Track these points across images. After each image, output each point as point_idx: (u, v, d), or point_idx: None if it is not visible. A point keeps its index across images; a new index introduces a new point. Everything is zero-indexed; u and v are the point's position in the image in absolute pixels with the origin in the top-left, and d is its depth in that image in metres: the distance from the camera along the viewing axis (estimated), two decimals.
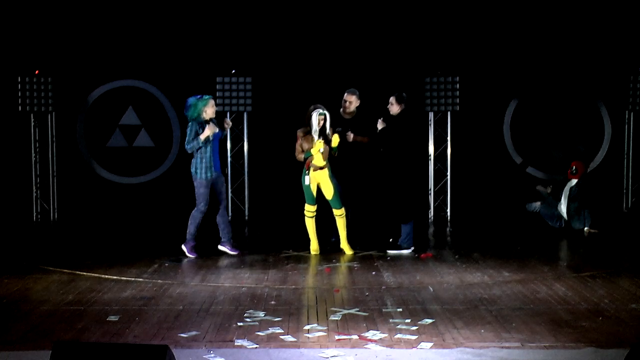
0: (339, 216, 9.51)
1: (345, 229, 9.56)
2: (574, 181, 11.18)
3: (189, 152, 9.29)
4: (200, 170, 9.23)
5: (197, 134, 9.16)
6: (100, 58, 13.25)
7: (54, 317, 6.52)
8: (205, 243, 10.17)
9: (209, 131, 9.16)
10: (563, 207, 11.21)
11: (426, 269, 8.70)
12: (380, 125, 9.49)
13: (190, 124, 9.25)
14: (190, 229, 9.40)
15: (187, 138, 9.23)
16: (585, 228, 11.13)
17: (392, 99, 9.52)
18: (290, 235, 11.23)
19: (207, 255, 9.50)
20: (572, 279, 8.03)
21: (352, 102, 9.89)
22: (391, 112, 9.52)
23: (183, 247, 9.47)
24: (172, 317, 6.53)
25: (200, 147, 9.17)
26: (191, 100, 9.31)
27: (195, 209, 9.35)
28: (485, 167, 13.34)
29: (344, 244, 9.56)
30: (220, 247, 9.63)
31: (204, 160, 9.24)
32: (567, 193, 11.16)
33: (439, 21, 13.04)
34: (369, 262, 9.09)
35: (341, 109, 9.96)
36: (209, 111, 9.28)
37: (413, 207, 9.56)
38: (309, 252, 9.59)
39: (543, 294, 7.32)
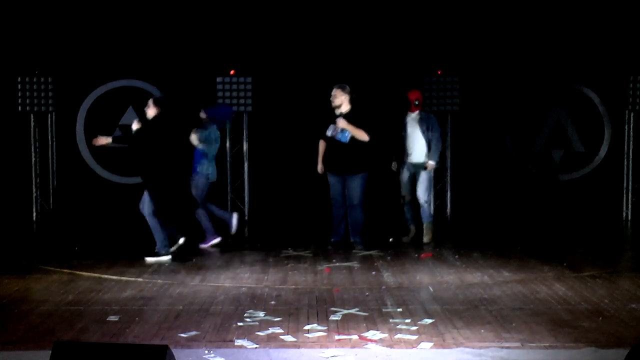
0: None
1: None
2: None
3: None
4: (213, 171, 10.02)
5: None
6: (100, 58, 13.24)
7: (54, 317, 6.52)
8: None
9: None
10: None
11: (426, 269, 8.70)
12: (135, 125, 9.32)
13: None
14: (206, 224, 10.05)
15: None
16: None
17: (150, 102, 9.34)
18: (290, 235, 11.24)
19: (207, 255, 9.51)
20: (572, 279, 8.03)
21: (336, 95, 9.83)
22: (147, 115, 9.29)
23: (207, 244, 10.02)
24: (172, 317, 6.53)
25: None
26: None
27: (201, 206, 9.97)
28: (485, 167, 13.34)
29: None
30: (202, 246, 10.03)
31: (213, 162, 10.03)
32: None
33: (439, 21, 13.04)
34: (369, 262, 9.09)
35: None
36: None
37: (171, 211, 9.33)
38: (309, 252, 9.60)
39: (543, 294, 7.32)
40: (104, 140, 9.54)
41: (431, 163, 10.17)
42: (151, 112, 9.24)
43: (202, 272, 8.54)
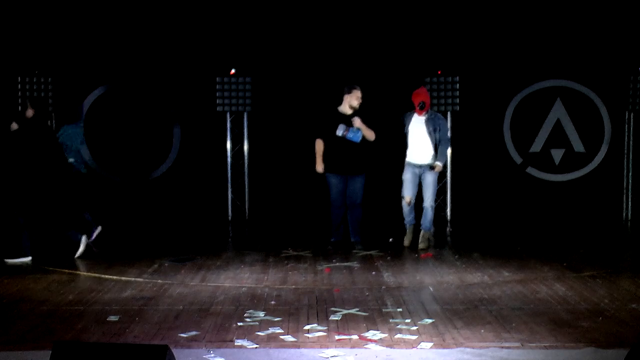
0: None
1: None
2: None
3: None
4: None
5: None
6: (100, 58, 13.23)
7: (54, 317, 6.52)
8: (202, 243, 10.20)
9: None
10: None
11: (426, 269, 8.70)
12: (13, 126, 9.23)
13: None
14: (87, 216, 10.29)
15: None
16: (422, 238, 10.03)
17: (27, 103, 9.32)
18: (290, 235, 11.23)
19: (207, 255, 9.52)
20: (572, 279, 8.03)
21: (361, 96, 9.86)
22: (26, 116, 9.20)
23: (93, 236, 10.10)
24: (172, 317, 6.53)
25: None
26: None
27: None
28: (485, 167, 13.34)
29: None
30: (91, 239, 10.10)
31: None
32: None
33: (439, 21, 13.03)
34: (369, 262, 9.09)
35: (344, 105, 9.86)
36: None
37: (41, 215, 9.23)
38: (309, 252, 9.60)
39: (543, 294, 7.32)
40: None
41: (439, 164, 9.80)
42: (29, 113, 9.19)
43: (202, 272, 8.54)
